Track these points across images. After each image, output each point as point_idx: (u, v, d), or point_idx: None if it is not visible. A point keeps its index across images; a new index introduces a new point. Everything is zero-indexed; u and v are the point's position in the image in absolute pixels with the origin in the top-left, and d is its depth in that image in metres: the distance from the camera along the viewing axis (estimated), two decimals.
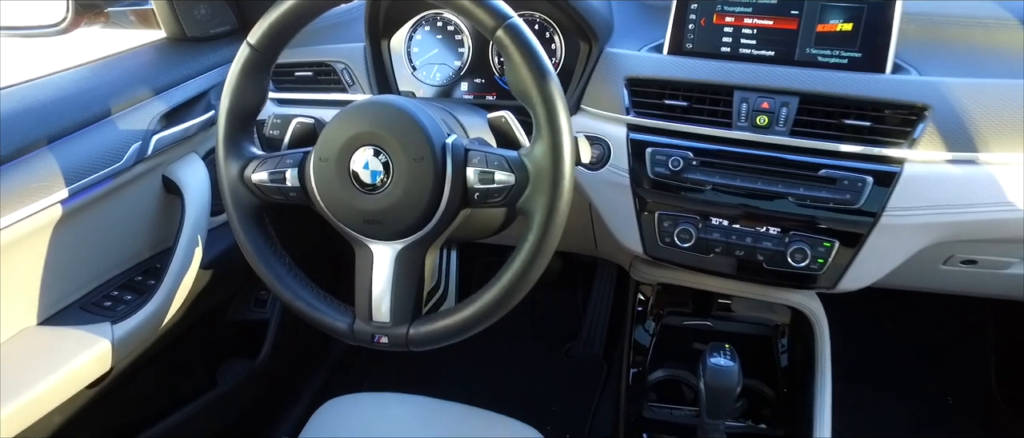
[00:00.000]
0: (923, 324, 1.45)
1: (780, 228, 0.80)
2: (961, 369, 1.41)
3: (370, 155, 0.66)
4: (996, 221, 0.75)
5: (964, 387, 1.38)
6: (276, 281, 0.74)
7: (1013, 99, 0.74)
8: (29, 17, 0.94)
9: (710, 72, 0.83)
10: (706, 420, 0.83)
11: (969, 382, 1.39)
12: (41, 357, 0.76)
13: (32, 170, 0.73)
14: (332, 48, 1.00)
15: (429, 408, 0.93)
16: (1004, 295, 1.00)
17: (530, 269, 0.65)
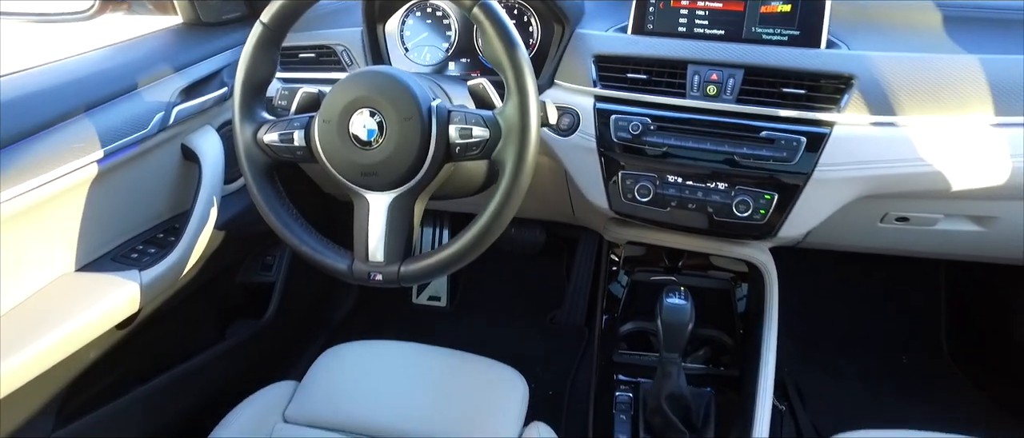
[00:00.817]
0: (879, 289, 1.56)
1: (727, 183, 0.91)
2: (914, 330, 1.52)
3: (367, 116, 0.77)
4: (911, 175, 0.86)
5: (916, 347, 1.50)
6: (285, 229, 0.85)
7: (927, 70, 0.85)
8: (59, 5, 1.04)
9: (667, 49, 0.94)
10: (664, 353, 0.94)
11: (921, 342, 1.50)
12: (79, 298, 0.86)
13: (73, 133, 0.84)
14: (332, 32, 1.11)
15: (421, 353, 1.04)
16: (938, 252, 1.11)
17: (503, 211, 0.76)
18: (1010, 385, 1.34)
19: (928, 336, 1.51)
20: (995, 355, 1.41)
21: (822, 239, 1.12)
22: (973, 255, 1.10)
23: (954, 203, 0.96)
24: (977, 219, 0.99)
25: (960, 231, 1.02)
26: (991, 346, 1.43)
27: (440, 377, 1.00)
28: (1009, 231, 1.00)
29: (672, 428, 0.99)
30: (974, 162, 0.85)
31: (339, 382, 1.00)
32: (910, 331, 1.52)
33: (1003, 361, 1.39)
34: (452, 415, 0.93)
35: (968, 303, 1.49)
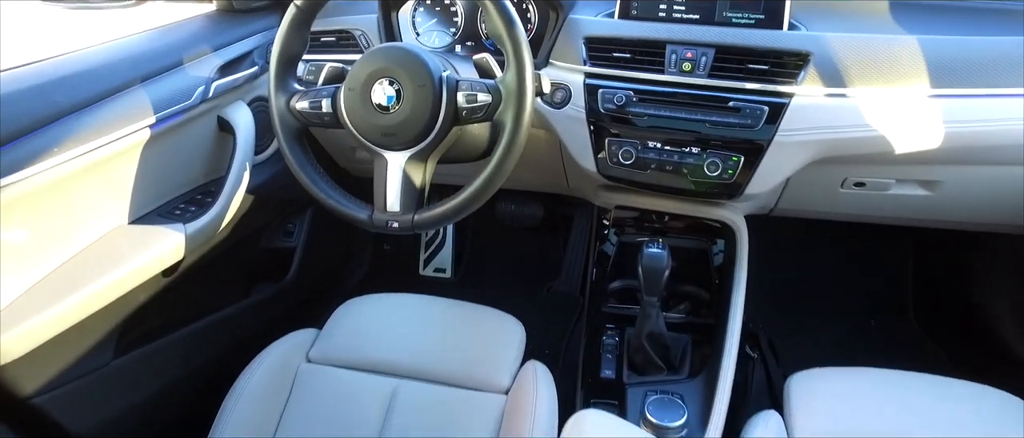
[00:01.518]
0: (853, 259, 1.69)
1: (699, 147, 1.04)
2: (884, 296, 1.65)
3: (386, 85, 0.90)
4: (859, 139, 0.99)
5: (885, 311, 1.62)
6: (312, 184, 0.98)
7: (874, 49, 0.98)
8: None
9: (649, 31, 1.06)
10: (645, 297, 1.06)
11: (889, 307, 1.63)
12: (132, 245, 0.99)
13: (130, 102, 0.97)
14: (352, 18, 1.23)
15: (430, 303, 1.17)
16: (896, 216, 1.23)
17: (503, 165, 0.88)
18: (966, 344, 1.46)
19: (896, 301, 1.64)
20: (955, 318, 1.54)
21: (793, 206, 1.25)
22: (926, 219, 1.22)
23: (902, 168, 1.08)
24: (925, 184, 1.12)
25: (911, 195, 1.14)
26: (952, 310, 1.55)
27: (447, 323, 1.12)
28: (953, 195, 1.12)
29: (652, 364, 1.11)
30: (913, 128, 0.97)
31: (356, 328, 1.12)
32: (880, 297, 1.65)
33: (962, 323, 1.51)
34: (458, 355, 1.06)
35: (933, 271, 1.61)
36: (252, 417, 0.97)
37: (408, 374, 1.03)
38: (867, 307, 1.63)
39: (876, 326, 1.59)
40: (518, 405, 0.97)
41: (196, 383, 1.19)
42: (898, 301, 1.64)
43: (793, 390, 0.98)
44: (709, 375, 1.08)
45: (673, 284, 1.25)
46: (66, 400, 0.94)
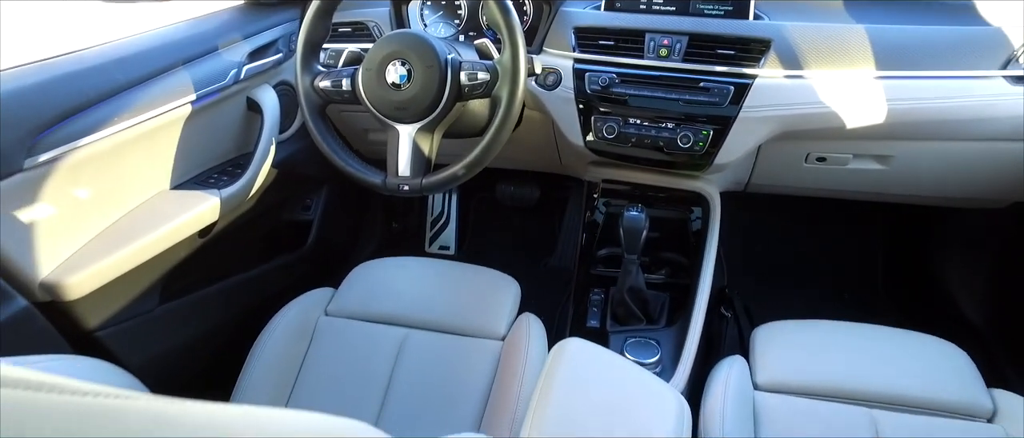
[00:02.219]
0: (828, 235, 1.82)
1: (674, 122, 1.17)
2: (855, 269, 1.78)
3: (399, 65, 1.03)
4: (814, 114, 1.12)
5: (856, 283, 1.75)
6: (333, 153, 1.11)
7: (827, 36, 1.11)
8: None
9: (631, 21, 1.20)
10: (626, 255, 1.20)
11: (860, 279, 1.76)
12: (174, 208, 1.13)
13: (174, 81, 1.11)
14: (366, 11, 1.37)
15: (435, 264, 1.30)
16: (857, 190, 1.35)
17: (500, 134, 1.02)
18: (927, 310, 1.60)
19: (867, 274, 1.77)
20: (918, 289, 1.67)
21: (764, 181, 1.38)
22: (883, 193, 1.35)
23: (857, 144, 1.22)
24: (879, 158, 1.25)
25: (868, 169, 1.27)
26: (915, 281, 1.68)
27: (449, 281, 1.25)
28: (905, 169, 1.25)
29: (633, 316, 1.24)
30: (861, 106, 1.11)
31: (369, 286, 1.25)
32: (852, 271, 1.78)
33: (924, 293, 1.65)
34: (460, 307, 1.19)
35: (900, 248, 1.74)
36: (278, 362, 1.10)
37: (416, 324, 1.16)
38: (840, 280, 1.76)
39: (847, 297, 1.72)
40: (513, 349, 1.10)
41: (228, 331, 1.33)
42: (869, 275, 1.77)
43: (758, 338, 1.11)
44: (682, 324, 1.21)
45: (655, 251, 1.38)
46: (121, 337, 1.08)
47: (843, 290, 1.74)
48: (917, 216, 1.63)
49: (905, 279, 1.72)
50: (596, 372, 0.82)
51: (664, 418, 0.73)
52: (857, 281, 1.76)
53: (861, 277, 1.77)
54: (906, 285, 1.71)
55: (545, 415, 0.74)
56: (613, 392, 0.79)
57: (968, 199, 1.31)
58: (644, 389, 0.79)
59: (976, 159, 1.18)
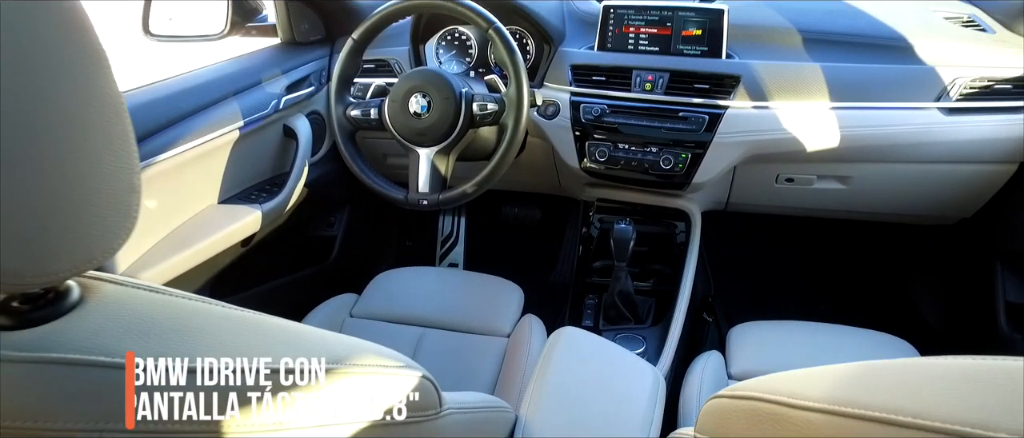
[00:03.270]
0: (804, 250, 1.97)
1: (657, 147, 1.34)
2: (831, 285, 1.93)
3: (420, 97, 1.21)
4: (778, 140, 1.29)
5: (831, 297, 1.90)
6: (361, 173, 1.29)
7: (788, 72, 1.29)
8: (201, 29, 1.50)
9: (620, 60, 1.38)
10: (616, 262, 1.36)
11: (835, 293, 1.91)
12: (221, 220, 1.30)
13: (225, 110, 1.29)
14: (388, 50, 1.56)
15: (448, 272, 1.47)
16: (825, 208, 1.52)
17: (506, 156, 1.19)
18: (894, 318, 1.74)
19: (841, 287, 1.92)
20: (887, 298, 1.82)
21: (741, 200, 1.55)
22: (849, 210, 1.51)
23: (819, 166, 1.39)
24: (840, 179, 1.42)
25: (832, 189, 1.44)
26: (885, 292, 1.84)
27: (461, 287, 1.41)
28: (863, 188, 1.42)
29: (623, 317, 1.40)
30: (818, 131, 1.28)
31: (389, 291, 1.41)
32: (829, 287, 1.93)
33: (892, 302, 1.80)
34: (469, 309, 1.34)
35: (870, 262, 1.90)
36: None
37: (431, 324, 1.32)
38: (817, 292, 1.92)
39: (823, 307, 1.87)
40: (516, 345, 1.25)
41: None
42: (843, 288, 1.92)
43: (734, 336, 1.26)
44: (666, 323, 1.37)
45: (645, 262, 1.54)
46: None
47: (820, 302, 1.89)
48: (884, 234, 1.79)
49: (875, 291, 1.87)
50: (587, 352, 0.98)
51: (642, 385, 0.89)
52: (832, 293, 1.92)
53: (836, 290, 1.93)
54: (876, 296, 1.86)
55: (543, 385, 0.89)
56: (601, 367, 0.95)
57: (921, 216, 1.47)
58: (626, 364, 0.95)
59: (922, 179, 1.34)
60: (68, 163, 0.41)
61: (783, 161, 1.38)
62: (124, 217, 0.46)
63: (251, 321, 0.51)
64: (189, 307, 0.48)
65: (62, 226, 0.41)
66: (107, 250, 0.44)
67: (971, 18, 1.34)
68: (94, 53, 0.42)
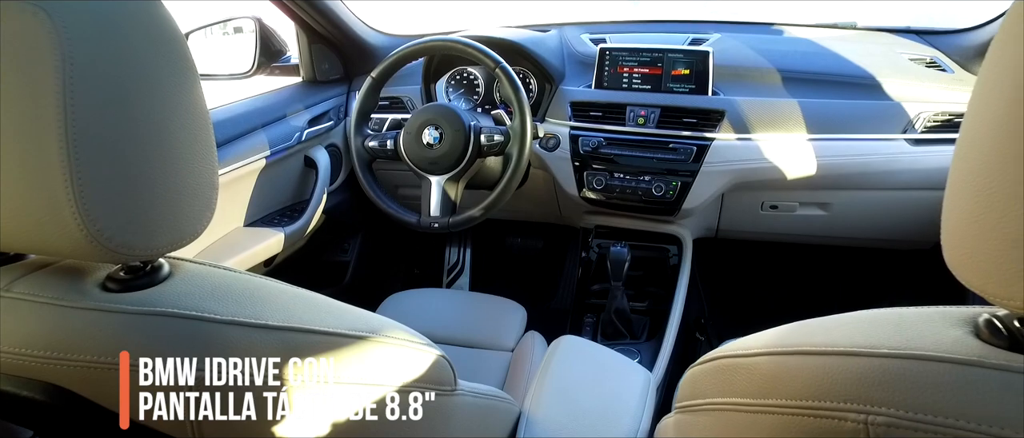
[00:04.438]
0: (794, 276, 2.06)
1: (649, 176, 1.46)
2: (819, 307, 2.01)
3: (432, 129, 1.33)
4: (760, 168, 1.41)
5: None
6: (378, 198, 1.40)
7: (769, 107, 1.42)
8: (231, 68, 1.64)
9: (615, 97, 1.51)
10: (612, 282, 1.46)
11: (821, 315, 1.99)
12: (246, 241, 1.40)
13: (254, 141, 1.41)
14: (401, 88, 1.69)
15: (456, 293, 1.56)
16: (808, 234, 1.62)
17: (511, 183, 1.31)
18: None
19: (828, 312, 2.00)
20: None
21: (730, 227, 1.66)
22: (832, 236, 1.61)
23: (801, 193, 1.50)
24: (821, 205, 1.53)
25: (814, 215, 1.55)
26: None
27: (468, 305, 1.51)
28: (842, 214, 1.52)
29: (619, 333, 1.49)
30: (797, 160, 1.40)
31: (401, 310, 1.51)
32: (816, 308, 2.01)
33: None
34: (475, 325, 1.43)
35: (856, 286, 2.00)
36: None
37: (439, 339, 1.41)
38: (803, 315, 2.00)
39: None
40: (519, 358, 1.34)
41: None
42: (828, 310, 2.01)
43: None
44: (658, 338, 1.46)
45: (640, 285, 1.64)
46: None
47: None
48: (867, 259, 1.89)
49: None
50: (585, 356, 1.07)
51: (635, 381, 0.98)
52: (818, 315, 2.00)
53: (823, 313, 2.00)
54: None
55: (545, 383, 0.98)
56: (597, 368, 1.04)
57: (897, 241, 1.57)
58: (620, 365, 1.04)
59: (894, 206, 1.45)
60: (169, 163, 0.52)
61: (767, 189, 1.49)
62: (206, 207, 0.57)
63: (304, 294, 0.61)
64: (255, 281, 0.59)
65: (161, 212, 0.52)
66: (193, 233, 0.56)
67: (933, 60, 1.47)
68: (191, 73, 0.54)
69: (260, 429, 0.52)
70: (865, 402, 0.40)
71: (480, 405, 0.82)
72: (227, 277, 0.58)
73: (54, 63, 0.45)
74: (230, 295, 0.54)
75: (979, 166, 0.38)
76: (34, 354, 0.50)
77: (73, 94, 0.46)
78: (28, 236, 0.50)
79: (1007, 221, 0.35)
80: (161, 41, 0.52)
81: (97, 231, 0.48)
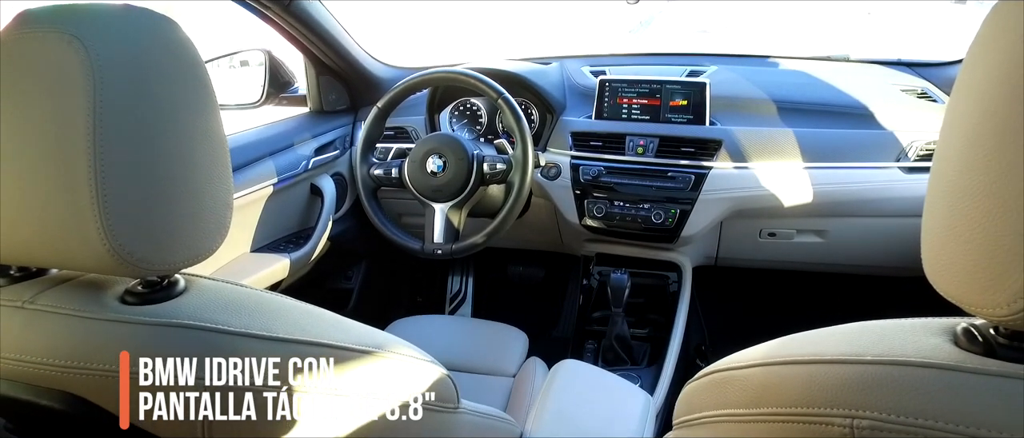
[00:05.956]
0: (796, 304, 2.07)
1: (649, 204, 1.49)
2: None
3: (436, 158, 1.36)
4: (757, 196, 1.43)
5: None
6: (382, 226, 1.43)
7: (765, 137, 1.45)
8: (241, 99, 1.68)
9: (615, 127, 1.55)
10: (613, 308, 1.47)
11: None
12: (253, 266, 1.43)
13: (262, 169, 1.44)
14: (406, 119, 1.73)
15: (459, 319, 1.58)
16: (807, 261, 1.64)
17: (512, 210, 1.33)
18: None
19: None
20: None
21: (729, 254, 1.68)
22: (830, 263, 1.63)
23: (798, 220, 1.52)
24: (818, 232, 1.55)
25: (811, 242, 1.57)
26: None
27: (470, 331, 1.52)
28: (839, 241, 1.55)
29: (619, 360, 1.50)
30: (793, 188, 1.42)
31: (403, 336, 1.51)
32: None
33: None
34: (478, 351, 1.44)
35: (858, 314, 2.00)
36: None
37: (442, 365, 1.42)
38: None
39: None
40: (521, 383, 1.35)
41: None
42: None
43: None
44: (659, 364, 1.47)
45: (641, 312, 1.66)
46: None
47: None
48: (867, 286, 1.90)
49: None
50: (585, 380, 1.08)
51: (634, 405, 0.99)
52: None
53: None
54: None
55: (546, 406, 1.00)
56: (597, 391, 1.05)
57: (895, 268, 1.59)
58: (620, 388, 1.05)
59: (890, 232, 1.47)
60: (189, 183, 0.55)
61: (764, 216, 1.52)
62: (221, 225, 0.59)
63: (313, 310, 0.63)
64: (265, 296, 0.61)
65: (179, 229, 0.55)
66: (208, 250, 0.58)
67: (924, 91, 1.51)
68: (211, 99, 0.58)
69: (262, 433, 0.54)
70: (850, 407, 0.42)
71: (481, 425, 0.83)
72: (240, 293, 0.60)
73: (86, 89, 0.49)
74: (243, 309, 0.57)
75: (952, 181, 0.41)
76: (55, 364, 0.53)
77: (102, 118, 0.49)
78: (53, 251, 0.53)
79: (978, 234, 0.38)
80: (184, 69, 0.56)
81: (119, 246, 0.50)
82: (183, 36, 0.56)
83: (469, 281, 2.25)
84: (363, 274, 1.91)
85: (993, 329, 0.42)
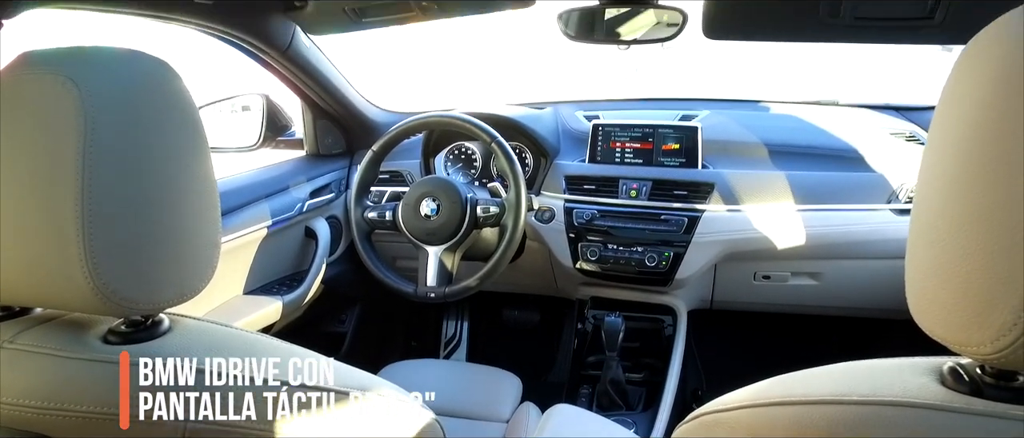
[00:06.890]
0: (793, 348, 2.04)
1: (642, 247, 1.49)
2: None
3: (430, 201, 1.37)
4: (750, 239, 1.44)
5: None
6: (376, 269, 1.42)
7: (757, 180, 1.46)
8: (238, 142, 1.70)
9: (608, 171, 1.56)
10: (607, 352, 1.46)
11: None
12: (245, 308, 1.42)
13: (257, 211, 1.45)
14: (401, 163, 1.74)
15: (452, 364, 1.56)
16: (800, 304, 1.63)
17: (506, 253, 1.33)
18: None
19: None
20: None
21: (724, 298, 1.67)
22: (825, 306, 1.62)
23: (792, 263, 1.52)
24: (812, 275, 1.55)
25: (805, 285, 1.57)
26: None
27: (463, 376, 1.50)
28: (833, 283, 1.54)
29: (614, 404, 1.48)
30: (786, 231, 1.43)
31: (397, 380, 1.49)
32: None
33: None
34: (472, 396, 1.42)
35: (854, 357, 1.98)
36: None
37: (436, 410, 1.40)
38: None
39: None
40: (514, 428, 1.32)
41: None
42: None
43: None
44: (654, 409, 1.45)
45: (636, 357, 1.64)
46: None
47: None
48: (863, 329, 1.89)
49: None
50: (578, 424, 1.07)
51: None
52: None
53: None
54: None
55: None
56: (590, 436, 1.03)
57: (890, 310, 1.58)
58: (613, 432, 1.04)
59: (884, 274, 1.47)
60: (176, 224, 0.55)
61: (758, 259, 1.52)
62: (207, 266, 0.59)
63: (298, 351, 0.63)
64: (251, 337, 0.61)
65: (164, 268, 0.55)
66: (194, 289, 0.58)
67: (912, 134, 1.53)
68: (202, 142, 0.58)
69: None
70: None
71: None
72: (225, 333, 0.60)
73: (78, 130, 0.49)
74: (227, 349, 0.56)
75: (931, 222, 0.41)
76: (32, 405, 0.52)
77: (91, 158, 0.50)
78: (37, 289, 0.53)
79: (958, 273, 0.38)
80: (176, 112, 0.57)
81: (103, 285, 0.50)
82: (177, 79, 0.57)
83: (464, 325, 2.23)
84: (357, 318, 1.90)
85: (979, 368, 0.42)
